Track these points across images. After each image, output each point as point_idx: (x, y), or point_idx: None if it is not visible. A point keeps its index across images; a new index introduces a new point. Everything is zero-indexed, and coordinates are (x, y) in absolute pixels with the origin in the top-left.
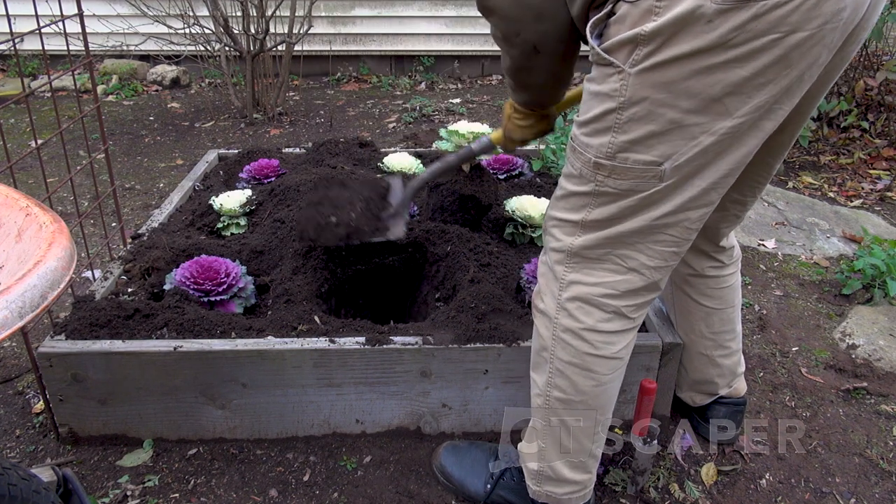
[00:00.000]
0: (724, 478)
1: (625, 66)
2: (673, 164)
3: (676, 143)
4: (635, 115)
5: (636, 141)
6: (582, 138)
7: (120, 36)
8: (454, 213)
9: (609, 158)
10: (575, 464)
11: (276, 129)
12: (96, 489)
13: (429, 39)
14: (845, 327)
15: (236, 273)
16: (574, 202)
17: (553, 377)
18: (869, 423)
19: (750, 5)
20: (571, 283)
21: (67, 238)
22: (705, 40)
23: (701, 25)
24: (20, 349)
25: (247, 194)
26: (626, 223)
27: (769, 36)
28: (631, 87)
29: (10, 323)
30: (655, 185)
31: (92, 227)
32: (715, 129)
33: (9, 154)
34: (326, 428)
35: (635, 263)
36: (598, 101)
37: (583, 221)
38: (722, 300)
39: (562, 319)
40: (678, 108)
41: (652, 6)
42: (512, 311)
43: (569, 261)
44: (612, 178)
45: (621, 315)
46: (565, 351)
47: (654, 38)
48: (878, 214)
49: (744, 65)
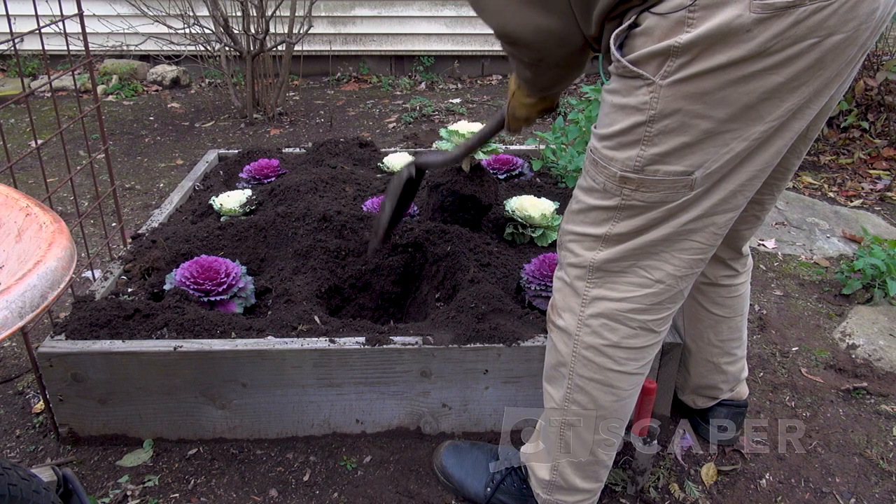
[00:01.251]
0: (724, 478)
1: (655, 77)
2: (704, 173)
3: (709, 151)
4: (667, 128)
5: (667, 153)
6: (605, 152)
7: (120, 36)
8: (454, 213)
9: (637, 172)
10: (587, 474)
11: (276, 129)
12: (96, 489)
13: (429, 39)
14: (845, 327)
15: (236, 273)
16: (596, 216)
17: (572, 392)
18: (869, 423)
19: (790, 12)
20: (595, 299)
21: (67, 238)
22: (744, 50)
23: (739, 35)
24: (20, 349)
25: (247, 194)
26: (652, 232)
27: (808, 41)
28: (662, 100)
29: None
30: (686, 195)
31: (92, 227)
32: (747, 134)
33: (9, 154)
34: (326, 428)
35: (661, 274)
36: (623, 114)
37: (606, 235)
38: (732, 309)
39: (584, 337)
40: (713, 119)
41: (685, 17)
42: (512, 311)
43: (591, 276)
44: (640, 191)
45: (648, 330)
46: (587, 368)
47: (689, 50)
48: (878, 214)
49: (780, 71)
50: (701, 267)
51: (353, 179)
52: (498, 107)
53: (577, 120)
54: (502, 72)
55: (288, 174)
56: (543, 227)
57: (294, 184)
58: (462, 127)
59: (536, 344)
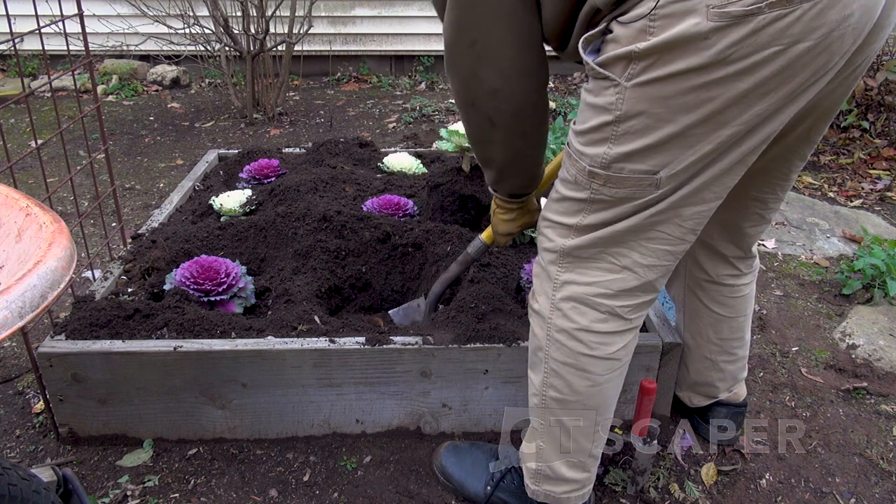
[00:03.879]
0: (724, 478)
1: (620, 79)
2: (669, 172)
3: (674, 152)
4: (632, 129)
5: (632, 153)
6: (577, 146)
7: (120, 36)
8: (454, 213)
9: (604, 168)
10: (574, 463)
11: (276, 129)
12: (96, 489)
13: (429, 39)
14: (845, 327)
15: (236, 273)
16: (569, 206)
17: (548, 377)
18: (869, 423)
19: (748, 20)
20: (565, 283)
21: (67, 238)
22: (702, 58)
23: (697, 43)
24: (20, 349)
25: (247, 194)
26: (619, 224)
27: (770, 49)
28: (627, 101)
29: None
30: (652, 193)
31: (92, 227)
32: (713, 137)
33: (9, 154)
34: (326, 428)
35: (628, 262)
36: (594, 112)
37: (577, 225)
38: (734, 309)
39: (556, 320)
40: (676, 122)
41: (646, 26)
42: (512, 311)
43: (562, 261)
44: (607, 186)
45: (617, 316)
46: (560, 351)
47: (649, 55)
48: (878, 214)
49: (744, 78)
50: (671, 260)
51: (353, 179)
52: None
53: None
54: None
55: (288, 174)
56: None
57: (294, 184)
58: (462, 127)
59: None
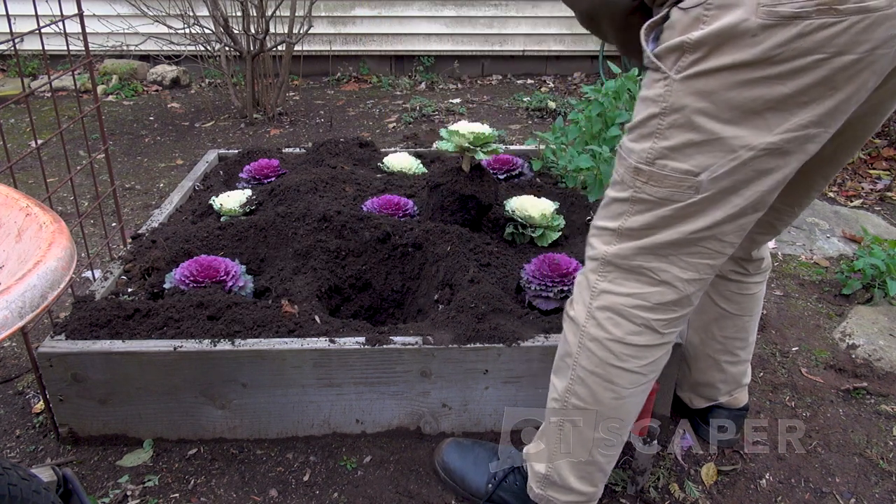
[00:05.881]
0: (724, 478)
1: (670, 72)
2: (710, 177)
3: (715, 154)
4: (676, 122)
5: (675, 148)
6: (627, 143)
7: (120, 36)
8: (454, 213)
9: (648, 164)
10: (583, 475)
11: (276, 129)
12: (96, 489)
13: (429, 39)
14: (845, 327)
15: (236, 272)
16: (614, 209)
17: (573, 384)
18: (869, 423)
19: (795, 23)
20: (602, 291)
21: (67, 238)
22: (749, 54)
23: (746, 39)
24: (20, 349)
25: (247, 194)
26: (660, 234)
27: (813, 56)
28: (674, 94)
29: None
30: (691, 197)
31: (92, 227)
32: (754, 143)
33: (9, 154)
34: (326, 428)
35: (668, 276)
36: (644, 105)
37: (619, 229)
38: (740, 306)
39: (590, 328)
40: (718, 119)
41: (701, 14)
42: (512, 311)
43: (602, 269)
44: (649, 184)
45: (652, 329)
46: (589, 360)
47: (700, 47)
48: (878, 214)
49: (786, 82)
50: (710, 273)
51: (353, 179)
52: (498, 107)
53: (577, 120)
54: (502, 72)
55: (288, 174)
56: (543, 227)
57: (294, 184)
58: (462, 127)
59: (536, 344)
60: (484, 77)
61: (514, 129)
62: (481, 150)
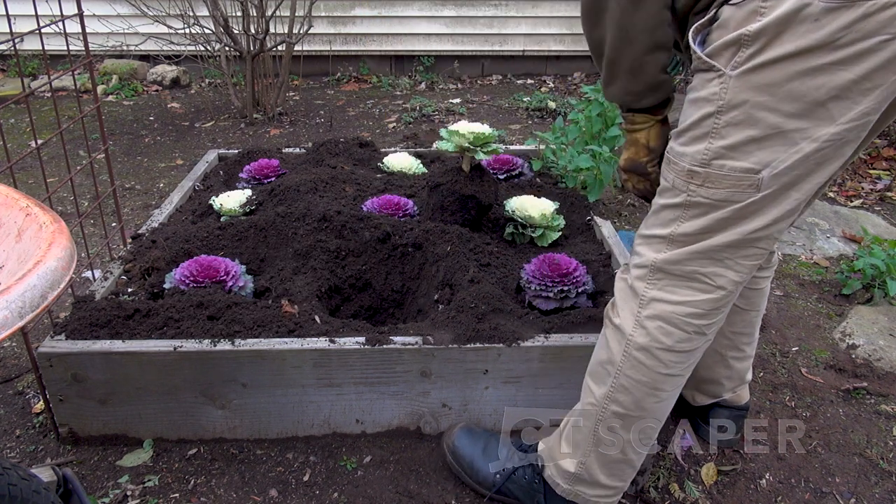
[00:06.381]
0: (724, 478)
1: (726, 69)
2: (771, 173)
3: (776, 149)
4: (734, 119)
5: (734, 147)
6: (677, 148)
7: (120, 36)
8: (454, 213)
9: (704, 165)
10: (614, 472)
11: (276, 129)
12: (96, 489)
13: (429, 39)
14: (845, 327)
15: (236, 272)
16: (664, 216)
17: (615, 392)
18: (869, 423)
19: (859, 4)
20: (653, 300)
21: (67, 238)
22: (811, 39)
23: (808, 24)
24: (20, 349)
25: (247, 194)
26: (717, 237)
27: (878, 37)
28: (731, 90)
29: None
30: (751, 196)
31: (92, 227)
32: (818, 135)
33: (9, 154)
34: (326, 428)
35: (724, 281)
36: (696, 107)
37: (671, 236)
38: (749, 301)
39: (637, 337)
40: (780, 112)
41: (758, 7)
42: (512, 311)
43: (651, 276)
44: (705, 186)
45: (701, 334)
46: (636, 369)
47: (758, 39)
48: (878, 214)
49: (850, 67)
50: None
51: (353, 179)
52: (498, 107)
53: (577, 120)
54: (502, 72)
55: (288, 174)
56: (543, 226)
57: (294, 184)
58: (462, 127)
59: (536, 344)
60: (484, 77)
61: (514, 129)
62: (481, 150)
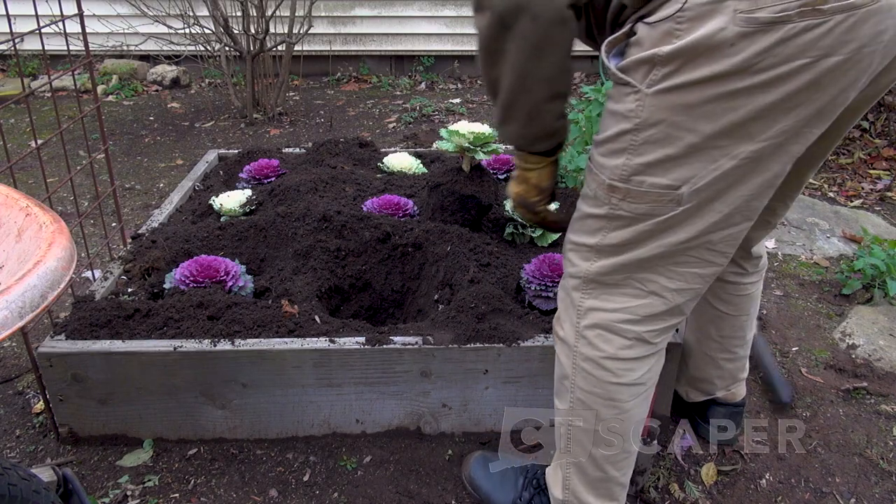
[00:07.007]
0: (724, 478)
1: (641, 85)
2: (691, 189)
3: (695, 166)
4: (651, 138)
5: (652, 164)
6: (598, 158)
7: (120, 36)
8: (454, 213)
9: (624, 181)
10: (601, 492)
11: (276, 129)
12: (96, 489)
13: (429, 39)
14: (845, 327)
15: (235, 272)
16: (590, 225)
17: (575, 406)
18: (869, 423)
19: (777, 28)
20: (590, 309)
21: (67, 238)
22: (726, 64)
23: (723, 49)
24: (20, 349)
25: (247, 194)
26: (643, 248)
27: (798, 61)
28: (647, 108)
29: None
30: (673, 210)
31: (92, 227)
32: (736, 152)
33: (9, 154)
34: (326, 428)
35: (655, 287)
36: (613, 120)
37: (598, 246)
38: (737, 307)
39: (581, 348)
40: (697, 132)
41: (672, 28)
42: (512, 311)
43: (585, 287)
44: (626, 201)
45: (643, 341)
46: (586, 381)
47: (672, 61)
48: (878, 214)
49: (769, 90)
50: (700, 283)
51: (353, 179)
52: None
53: (577, 120)
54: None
55: (288, 174)
56: None
57: (294, 184)
58: (462, 127)
59: (536, 344)
60: None
61: None
62: (481, 150)
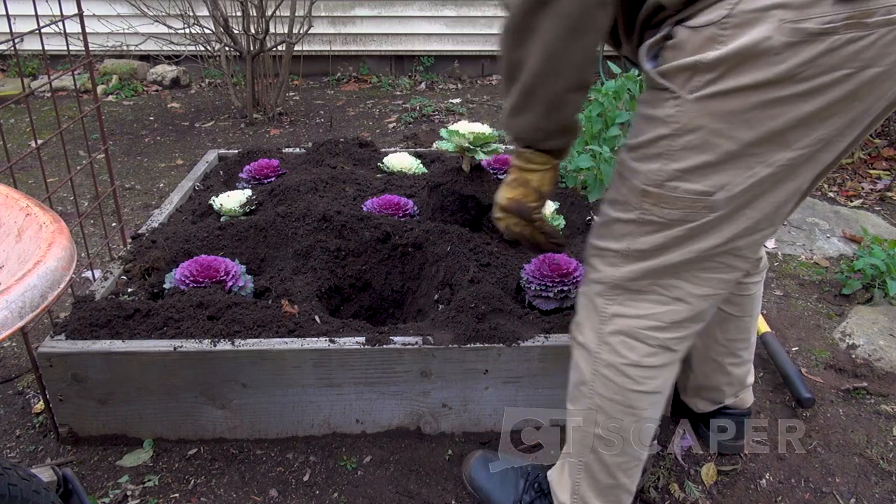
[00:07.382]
0: (724, 478)
1: (681, 91)
2: (726, 195)
3: (731, 172)
4: (690, 144)
5: (688, 170)
6: (630, 163)
7: (120, 36)
8: (454, 213)
9: (657, 186)
10: (609, 499)
11: (276, 129)
12: (96, 489)
13: (429, 39)
14: (845, 327)
15: (235, 272)
16: (617, 230)
17: (593, 413)
18: (869, 423)
19: (822, 39)
20: (614, 315)
21: (67, 238)
22: (771, 73)
23: (768, 58)
24: (20, 349)
25: (247, 194)
26: (672, 253)
27: (840, 71)
28: (687, 114)
29: (10, 323)
30: (705, 216)
31: (92, 227)
32: (772, 160)
33: (9, 154)
34: (326, 428)
35: (680, 293)
36: (650, 125)
37: (625, 251)
38: (741, 308)
39: (603, 354)
40: (736, 139)
41: (716, 34)
42: (512, 311)
43: (610, 293)
44: (659, 206)
45: (667, 349)
46: (606, 387)
47: (716, 67)
48: (878, 214)
49: (810, 99)
50: (724, 288)
51: (353, 179)
52: (498, 107)
53: None
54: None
55: (288, 174)
56: None
57: (294, 184)
58: (462, 127)
59: (536, 344)
60: (484, 77)
61: None
62: (481, 150)
